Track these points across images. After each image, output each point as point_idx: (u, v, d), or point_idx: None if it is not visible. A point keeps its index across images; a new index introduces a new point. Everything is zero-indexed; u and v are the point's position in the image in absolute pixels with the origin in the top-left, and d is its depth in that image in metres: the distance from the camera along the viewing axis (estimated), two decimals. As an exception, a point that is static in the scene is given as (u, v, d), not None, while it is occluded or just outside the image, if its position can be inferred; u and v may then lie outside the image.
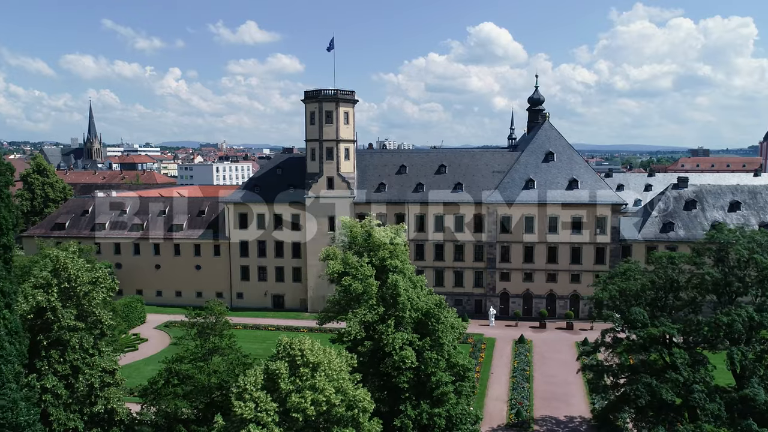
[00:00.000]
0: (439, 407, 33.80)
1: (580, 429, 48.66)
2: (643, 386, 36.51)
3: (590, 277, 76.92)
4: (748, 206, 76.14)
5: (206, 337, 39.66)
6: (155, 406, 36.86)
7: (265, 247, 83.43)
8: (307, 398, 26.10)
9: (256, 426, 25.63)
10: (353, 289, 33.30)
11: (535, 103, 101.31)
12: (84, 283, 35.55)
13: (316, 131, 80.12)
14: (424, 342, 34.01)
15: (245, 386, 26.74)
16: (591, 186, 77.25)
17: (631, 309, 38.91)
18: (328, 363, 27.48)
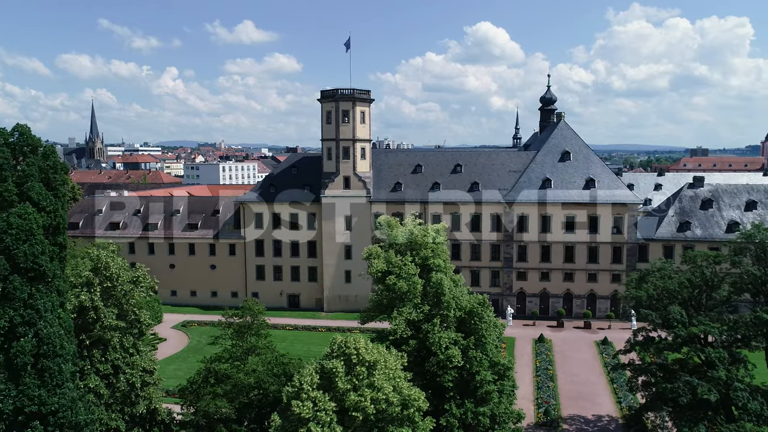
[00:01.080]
0: (484, 406, 33.81)
1: (609, 428, 48.75)
2: (683, 384, 36.59)
3: (607, 276, 77.31)
4: (764, 205, 76.43)
5: (243, 337, 39.65)
6: (195, 406, 36.76)
7: (280, 247, 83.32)
8: (367, 397, 26.07)
9: (316, 425, 25.59)
10: (398, 287, 33.28)
11: (548, 102, 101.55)
12: (125, 282, 35.46)
13: (332, 130, 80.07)
14: (469, 341, 34.02)
15: (301, 385, 26.69)
16: (608, 185, 77.44)
17: (669, 308, 38.96)
18: (385, 362, 27.46)
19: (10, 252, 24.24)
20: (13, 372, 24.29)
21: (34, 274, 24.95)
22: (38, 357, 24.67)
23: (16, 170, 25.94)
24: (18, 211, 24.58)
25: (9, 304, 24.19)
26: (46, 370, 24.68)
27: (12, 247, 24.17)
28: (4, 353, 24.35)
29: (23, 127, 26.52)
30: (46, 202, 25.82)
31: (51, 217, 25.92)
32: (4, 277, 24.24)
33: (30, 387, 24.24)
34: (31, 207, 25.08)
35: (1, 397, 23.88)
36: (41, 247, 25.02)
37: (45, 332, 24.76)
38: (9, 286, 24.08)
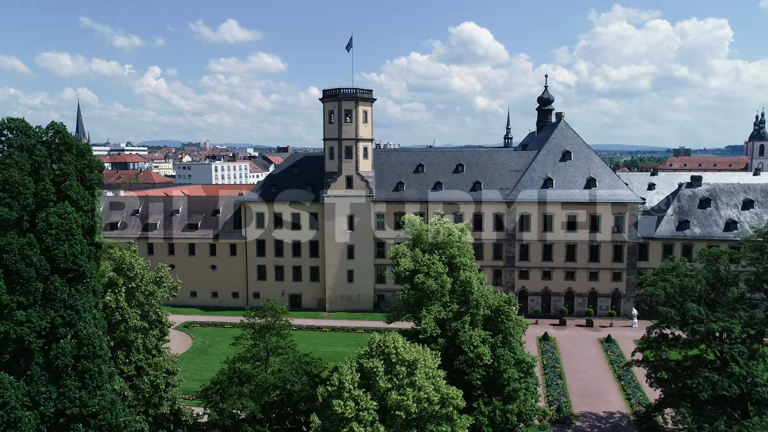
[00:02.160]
0: (511, 404, 34.01)
1: (621, 424, 49.29)
2: (703, 380, 37.11)
3: (608, 274, 78.11)
4: (761, 204, 77.79)
5: (264, 337, 39.43)
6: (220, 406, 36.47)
7: (282, 247, 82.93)
8: (409, 396, 26.12)
9: (359, 424, 25.57)
10: (427, 286, 33.35)
11: (545, 102, 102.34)
12: (148, 283, 35.13)
13: (335, 130, 79.89)
14: (496, 339, 34.21)
15: (342, 384, 26.65)
16: (609, 185, 78.26)
17: (687, 305, 39.49)
18: (424, 361, 27.52)
19: (50, 252, 23.90)
20: (54, 374, 23.95)
21: (74, 274, 24.62)
22: (78, 358, 24.34)
23: (52, 169, 25.55)
24: (57, 210, 24.24)
25: (50, 304, 23.85)
26: (86, 371, 24.36)
27: (52, 247, 23.84)
28: (44, 355, 23.99)
29: (58, 125, 26.15)
30: (84, 201, 25.48)
31: (88, 216, 25.58)
32: (45, 277, 23.89)
33: (71, 389, 23.91)
34: (69, 206, 24.73)
35: (43, 399, 23.52)
36: (80, 247, 24.68)
37: (84, 333, 24.45)
38: (50, 286, 23.74)
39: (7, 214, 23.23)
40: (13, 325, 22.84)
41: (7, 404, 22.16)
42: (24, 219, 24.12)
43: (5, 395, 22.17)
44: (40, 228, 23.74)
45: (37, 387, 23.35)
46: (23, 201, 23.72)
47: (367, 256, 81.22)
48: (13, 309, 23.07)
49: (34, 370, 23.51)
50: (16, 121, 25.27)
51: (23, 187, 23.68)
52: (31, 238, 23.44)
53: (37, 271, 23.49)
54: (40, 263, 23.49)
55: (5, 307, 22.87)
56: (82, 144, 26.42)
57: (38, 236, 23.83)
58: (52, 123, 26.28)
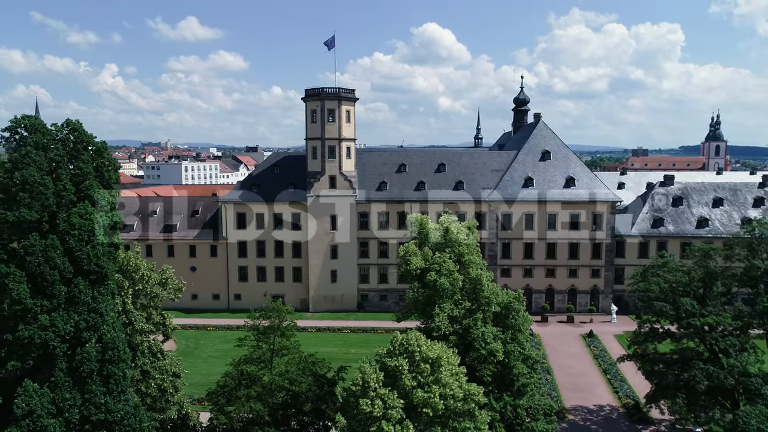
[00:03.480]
0: (521, 399, 34.56)
1: (612, 417, 50.65)
2: (699, 372, 38.48)
3: (587, 271, 80.00)
4: (730, 202, 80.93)
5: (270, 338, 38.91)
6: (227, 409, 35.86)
7: (264, 247, 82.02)
8: (436, 393, 26.30)
9: (387, 423, 25.61)
10: (440, 284, 33.59)
11: (521, 103, 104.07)
12: (154, 285, 34.37)
13: (317, 129, 79.49)
14: (506, 335, 34.73)
15: (367, 383, 26.63)
16: (587, 184, 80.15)
17: (681, 300, 40.85)
18: (447, 358, 27.75)
19: (73, 254, 23.18)
20: (78, 379, 23.25)
21: (96, 276, 23.94)
22: (103, 363, 23.69)
23: (69, 168, 24.77)
24: (79, 210, 23.55)
25: (74, 308, 23.14)
26: (111, 376, 23.75)
27: (75, 248, 23.14)
28: (68, 360, 23.26)
29: (75, 123, 25.37)
30: (104, 201, 24.80)
31: (108, 216, 24.91)
32: (68, 280, 23.16)
33: (96, 394, 23.28)
34: (90, 206, 24.04)
35: (67, 406, 22.80)
36: (102, 248, 24.03)
37: (109, 337, 23.83)
38: (74, 289, 23.03)
39: (27, 215, 22.44)
40: (37, 330, 22.09)
41: (34, 412, 21.44)
42: (44, 220, 23.32)
43: (31, 403, 21.44)
44: (62, 229, 22.99)
45: (62, 393, 22.63)
46: (44, 201, 22.97)
47: (350, 255, 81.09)
48: (37, 313, 22.29)
49: (57, 376, 22.77)
50: (31, 119, 24.43)
51: (43, 186, 22.93)
52: (53, 239, 22.70)
53: (60, 274, 22.77)
54: (63, 265, 22.76)
55: (29, 312, 22.10)
56: (99, 142, 25.69)
57: (60, 237, 23.07)
58: (67, 120, 25.50)
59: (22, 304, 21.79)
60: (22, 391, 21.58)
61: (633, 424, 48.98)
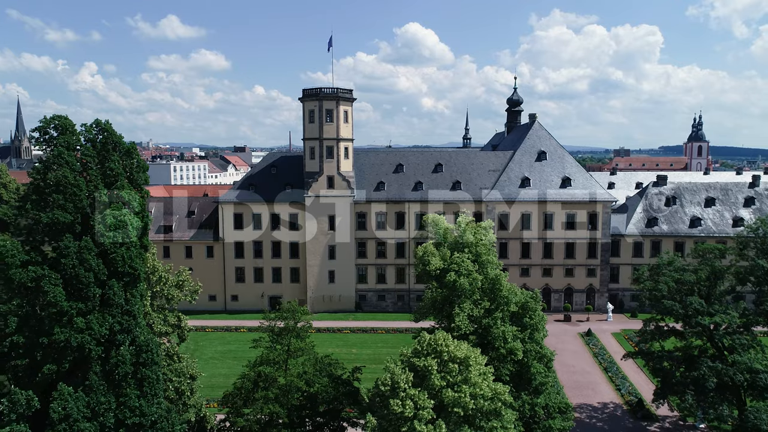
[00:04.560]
0: (539, 397, 34.89)
1: (616, 414, 51.32)
2: (709, 369, 39.17)
3: (583, 271, 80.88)
4: (721, 202, 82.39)
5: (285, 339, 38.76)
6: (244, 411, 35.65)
7: (261, 248, 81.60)
8: (466, 393, 26.46)
9: (419, 422, 25.71)
10: (459, 284, 33.77)
11: (515, 104, 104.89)
12: (171, 287, 34.07)
13: (315, 130, 79.28)
14: (525, 334, 35.04)
15: (396, 383, 26.70)
16: (583, 184, 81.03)
17: (689, 298, 41.55)
18: (475, 358, 27.93)
19: (107, 255, 22.92)
20: (113, 382, 23.00)
21: (129, 278, 23.70)
22: (137, 365, 23.45)
23: (100, 169, 24.47)
24: (113, 212, 23.26)
25: (108, 310, 22.88)
26: (144, 379, 23.54)
27: (110, 250, 22.87)
28: (102, 363, 23.00)
29: (105, 123, 25.08)
30: (136, 202, 24.56)
31: (139, 217, 24.67)
32: (102, 282, 22.90)
33: (131, 397, 23.04)
34: (123, 208, 23.79)
35: (103, 409, 22.54)
36: (136, 250, 23.80)
37: (142, 339, 23.62)
38: (109, 291, 22.78)
39: (62, 217, 22.14)
40: (73, 333, 21.79)
41: (70, 416, 21.17)
42: (77, 222, 23.03)
43: (67, 407, 21.16)
44: (97, 231, 22.71)
45: (97, 397, 22.38)
46: (77, 203, 22.65)
47: (348, 256, 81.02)
48: (73, 316, 21.99)
49: (92, 379, 22.50)
50: (62, 119, 24.10)
51: (77, 188, 22.63)
52: (88, 241, 22.42)
53: (95, 276, 22.50)
54: (98, 267, 22.49)
55: (64, 314, 21.79)
56: (128, 143, 25.42)
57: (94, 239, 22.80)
58: (96, 120, 25.21)
59: (57, 306, 21.48)
60: (58, 395, 21.29)
61: (638, 421, 49.68)
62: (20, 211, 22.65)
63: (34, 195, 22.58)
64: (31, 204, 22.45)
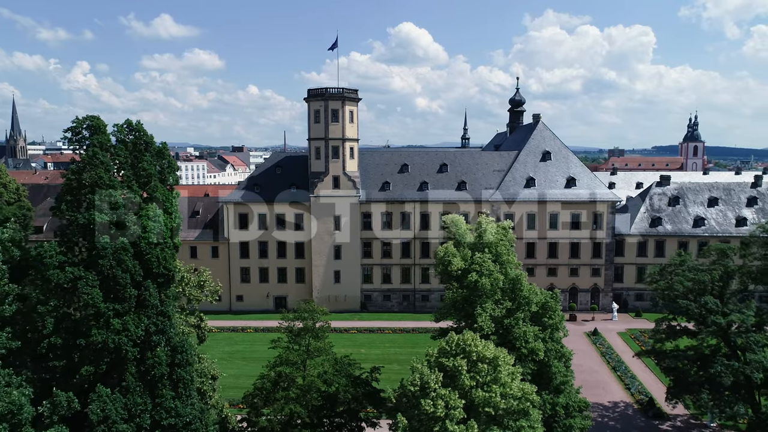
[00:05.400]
0: (559, 396, 35.05)
1: (628, 413, 51.61)
2: (725, 368, 39.44)
3: (588, 270, 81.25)
4: (724, 202, 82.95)
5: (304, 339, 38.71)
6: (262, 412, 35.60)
7: (266, 248, 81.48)
8: (497, 393, 26.55)
9: (451, 422, 25.77)
10: (482, 284, 33.87)
11: (517, 104, 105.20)
12: (193, 287, 34.00)
13: (321, 130, 79.25)
14: (545, 334, 35.20)
15: (427, 384, 26.75)
16: (587, 184, 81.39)
17: (705, 298, 41.82)
18: (504, 358, 28.03)
19: (143, 256, 22.86)
20: (148, 383, 22.93)
21: (164, 279, 23.64)
22: (172, 366, 23.41)
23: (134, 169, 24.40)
24: (148, 212, 23.21)
25: (143, 311, 22.81)
26: (180, 380, 23.49)
27: (145, 251, 22.81)
28: (137, 364, 22.93)
29: (137, 124, 25.00)
30: (169, 203, 24.51)
31: (172, 218, 24.62)
32: (138, 283, 22.83)
33: (167, 398, 22.99)
34: (158, 208, 23.74)
35: (139, 411, 22.48)
36: (170, 250, 23.75)
37: (177, 340, 23.58)
38: (145, 292, 22.71)
39: (98, 218, 22.06)
40: (111, 334, 21.72)
41: (108, 418, 21.11)
42: (113, 222, 22.95)
43: (106, 409, 21.09)
44: (133, 231, 22.64)
45: (133, 398, 22.31)
46: (114, 203, 22.57)
47: (354, 256, 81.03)
48: (110, 317, 21.92)
49: (129, 380, 22.43)
50: (94, 119, 24.02)
51: (113, 188, 22.55)
52: (124, 242, 22.34)
53: (131, 277, 22.43)
54: (134, 268, 22.43)
55: (102, 315, 21.71)
56: (160, 144, 25.35)
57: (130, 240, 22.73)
58: (128, 121, 25.13)
59: (95, 307, 21.40)
60: (96, 397, 21.21)
61: (649, 419, 49.97)
62: (55, 212, 22.53)
63: (68, 196, 22.49)
64: (66, 205, 22.35)
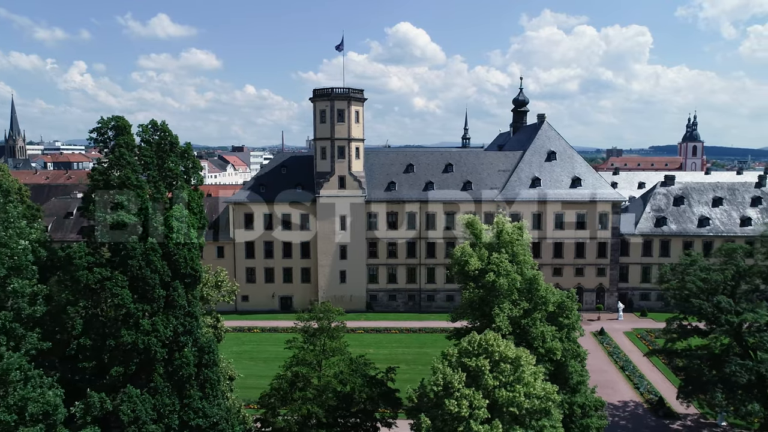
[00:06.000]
0: (575, 396, 35.12)
1: (638, 412, 51.75)
2: (739, 367, 39.59)
3: (593, 270, 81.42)
4: (729, 202, 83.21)
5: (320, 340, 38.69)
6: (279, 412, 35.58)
7: (272, 248, 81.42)
8: (520, 392, 26.62)
9: (475, 422, 25.83)
10: (499, 284, 33.93)
11: (521, 104, 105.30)
12: (211, 287, 33.97)
13: (327, 130, 79.24)
14: (562, 333, 35.27)
15: (450, 383, 26.79)
16: (593, 184, 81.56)
17: (718, 297, 41.97)
18: (526, 358, 28.09)
19: (171, 257, 22.84)
20: (176, 384, 22.92)
21: (191, 279, 23.63)
22: (200, 367, 23.40)
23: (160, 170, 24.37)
24: (175, 213, 23.20)
25: (172, 312, 22.80)
26: (207, 380, 23.50)
27: (173, 251, 22.80)
28: (165, 364, 22.91)
29: (162, 124, 24.98)
30: (195, 203, 24.50)
31: (197, 218, 24.61)
32: (167, 283, 22.82)
33: (194, 399, 22.98)
34: (184, 209, 23.73)
35: (168, 411, 22.46)
36: (196, 251, 23.74)
37: (204, 340, 23.57)
38: (173, 293, 22.70)
39: (126, 219, 22.04)
40: (140, 335, 21.70)
41: (139, 419, 21.08)
42: (140, 223, 22.93)
43: (136, 409, 21.07)
44: (161, 231, 22.63)
45: (162, 399, 22.29)
46: (142, 204, 22.56)
47: (359, 256, 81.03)
48: (139, 318, 21.90)
49: (157, 381, 22.41)
50: (119, 119, 23.98)
51: (140, 189, 22.54)
52: (153, 242, 22.32)
53: (160, 277, 22.41)
54: (162, 269, 22.41)
55: (131, 316, 21.69)
56: (184, 144, 25.33)
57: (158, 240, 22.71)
58: (152, 121, 25.09)
59: (125, 308, 21.38)
60: (126, 398, 21.19)
61: (660, 419, 50.10)
62: (83, 213, 22.48)
63: (96, 197, 22.44)
64: (94, 205, 22.32)
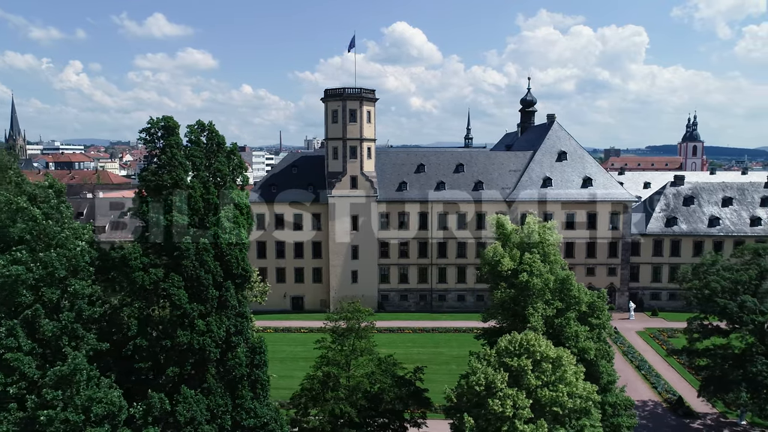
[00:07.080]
0: (606, 395, 35.27)
1: (657, 411, 51.96)
2: (764, 366, 39.85)
3: (604, 270, 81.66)
4: (738, 201, 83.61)
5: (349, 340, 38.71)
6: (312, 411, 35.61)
7: (283, 248, 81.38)
8: (563, 392, 26.74)
9: (520, 421, 25.94)
10: (533, 284, 34.06)
11: (528, 104, 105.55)
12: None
13: (339, 130, 79.22)
14: (594, 333, 35.43)
15: (493, 383, 26.90)
16: (604, 184, 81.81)
17: (743, 297, 42.22)
18: (567, 357, 28.22)
19: (223, 257, 22.87)
20: (228, 384, 22.94)
21: (241, 280, 23.65)
22: (251, 367, 23.43)
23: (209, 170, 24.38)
24: (227, 213, 23.23)
25: (224, 312, 22.82)
26: (257, 380, 23.53)
27: (226, 252, 22.82)
28: (217, 365, 22.93)
29: (209, 124, 24.99)
30: (243, 203, 24.52)
31: (246, 218, 24.64)
32: (219, 283, 22.83)
33: (246, 399, 23.00)
34: (235, 209, 23.75)
35: (221, 411, 22.48)
36: (247, 251, 23.76)
37: (254, 340, 23.57)
38: (226, 293, 22.72)
39: (181, 220, 22.05)
40: (195, 336, 21.71)
41: (195, 419, 21.10)
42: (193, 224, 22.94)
43: (192, 410, 21.09)
44: (213, 232, 22.65)
45: (215, 399, 22.31)
46: (194, 204, 22.57)
47: (371, 256, 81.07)
48: (194, 318, 21.91)
49: (210, 381, 22.42)
50: (168, 120, 23.98)
51: (193, 190, 22.56)
52: (206, 243, 22.34)
53: (213, 278, 22.43)
54: (216, 269, 22.43)
55: (187, 316, 21.70)
56: (231, 144, 25.34)
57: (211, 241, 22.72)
58: (199, 121, 25.10)
59: (181, 308, 21.38)
60: (182, 398, 21.19)
61: (680, 418, 50.33)
62: (135, 214, 22.49)
63: (149, 197, 22.42)
64: (147, 207, 22.30)
